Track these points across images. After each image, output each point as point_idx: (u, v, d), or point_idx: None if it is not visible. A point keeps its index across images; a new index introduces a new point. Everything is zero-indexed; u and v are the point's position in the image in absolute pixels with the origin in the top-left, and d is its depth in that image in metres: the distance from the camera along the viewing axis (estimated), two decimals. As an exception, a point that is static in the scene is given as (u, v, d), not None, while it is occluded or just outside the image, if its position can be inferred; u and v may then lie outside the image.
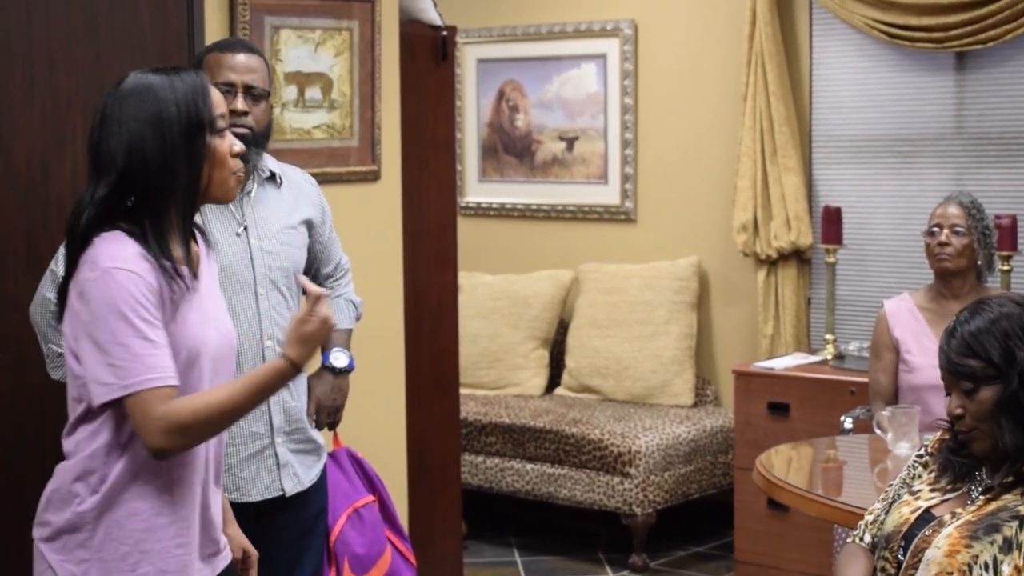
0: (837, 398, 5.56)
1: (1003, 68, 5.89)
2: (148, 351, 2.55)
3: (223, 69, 3.48)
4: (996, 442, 2.71)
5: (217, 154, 2.68)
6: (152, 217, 2.63)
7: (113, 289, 2.55)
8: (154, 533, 2.64)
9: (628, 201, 6.94)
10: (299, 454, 3.58)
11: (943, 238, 4.68)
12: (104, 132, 2.65)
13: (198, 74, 2.72)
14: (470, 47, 7.36)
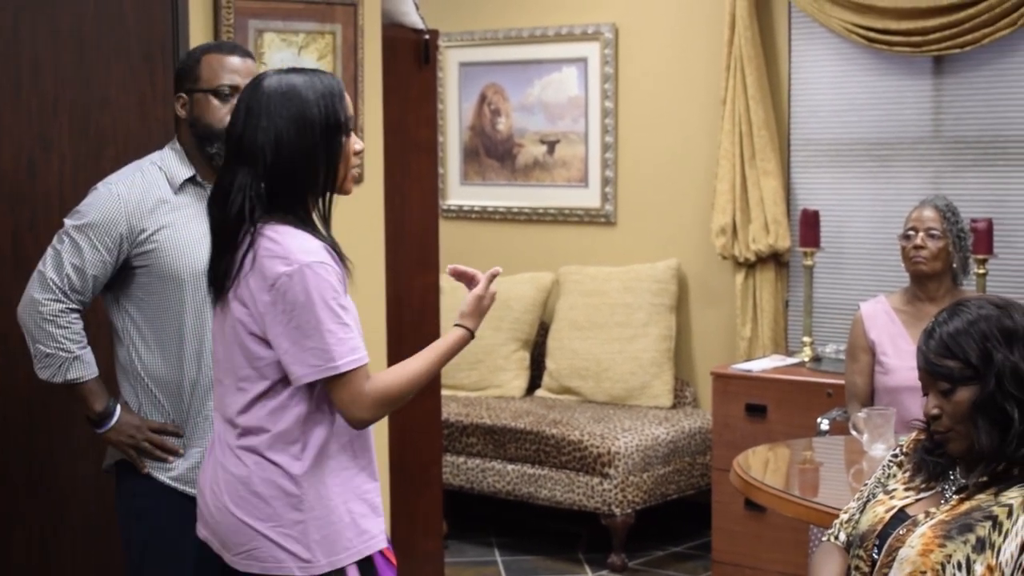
0: (814, 400, 5.59)
1: (980, 72, 5.93)
2: (349, 335, 2.82)
3: (226, 71, 3.49)
4: (972, 442, 2.72)
5: (347, 152, 2.91)
6: (299, 209, 2.88)
7: (314, 282, 2.79)
8: (355, 479, 2.92)
9: (608, 204, 6.98)
10: None
11: (919, 241, 4.72)
12: (249, 125, 2.86)
13: (334, 77, 2.93)
14: (452, 51, 7.39)
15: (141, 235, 3.41)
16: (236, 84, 3.48)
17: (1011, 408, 2.69)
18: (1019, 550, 2.62)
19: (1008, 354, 2.70)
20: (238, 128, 2.89)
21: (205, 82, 3.49)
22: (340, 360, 2.81)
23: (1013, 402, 2.69)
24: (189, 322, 3.43)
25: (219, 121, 3.45)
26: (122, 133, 4.12)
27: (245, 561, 2.91)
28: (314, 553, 2.88)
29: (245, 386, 2.90)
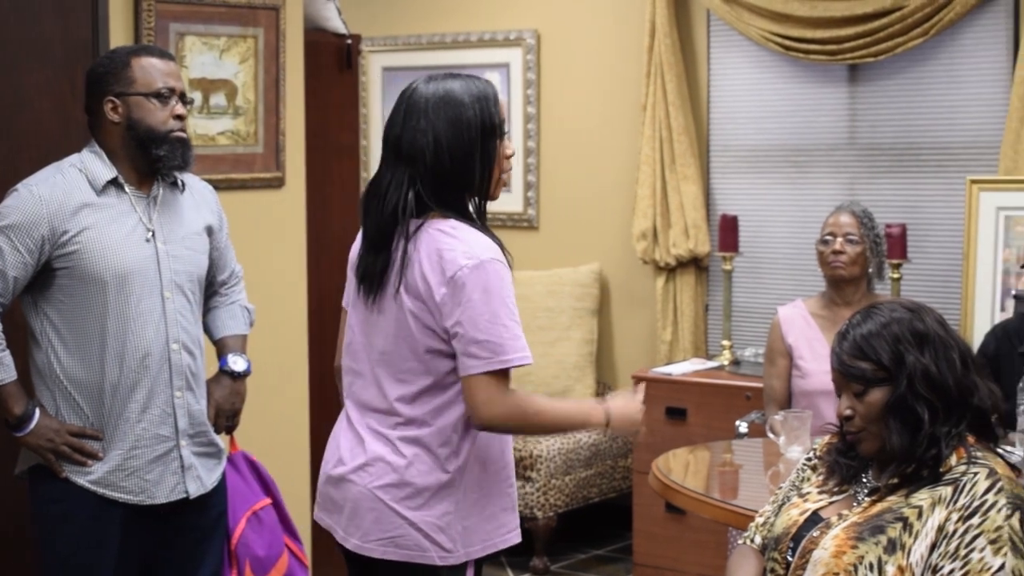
0: (733, 403, 5.64)
1: (894, 80, 6.02)
2: (520, 333, 2.94)
3: (163, 75, 3.50)
4: (883, 443, 2.75)
5: (501, 155, 3.03)
6: (463, 207, 3.01)
7: (495, 278, 2.91)
8: (500, 474, 3.09)
9: (531, 209, 7.00)
10: (202, 457, 3.60)
11: (837, 246, 4.78)
12: (408, 128, 2.98)
13: (488, 83, 3.06)
14: (376, 55, 7.39)
15: (63, 237, 3.39)
16: (173, 87, 3.50)
17: (921, 409, 2.72)
18: (928, 551, 2.64)
19: (919, 356, 2.73)
20: (396, 130, 3.01)
21: (143, 86, 3.48)
22: (512, 354, 2.93)
23: (923, 403, 2.72)
24: (111, 324, 3.42)
25: (162, 124, 3.47)
26: (42, 135, 4.10)
27: (384, 548, 3.01)
28: (455, 544, 3.02)
29: (408, 378, 3.01)
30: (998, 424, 2.83)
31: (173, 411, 3.51)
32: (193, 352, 3.57)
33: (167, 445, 3.51)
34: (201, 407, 3.61)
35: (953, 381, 2.75)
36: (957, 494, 2.67)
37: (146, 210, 3.52)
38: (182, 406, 3.53)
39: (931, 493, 2.70)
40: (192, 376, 3.57)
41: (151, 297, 3.48)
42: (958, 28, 5.81)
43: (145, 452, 3.48)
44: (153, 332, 3.47)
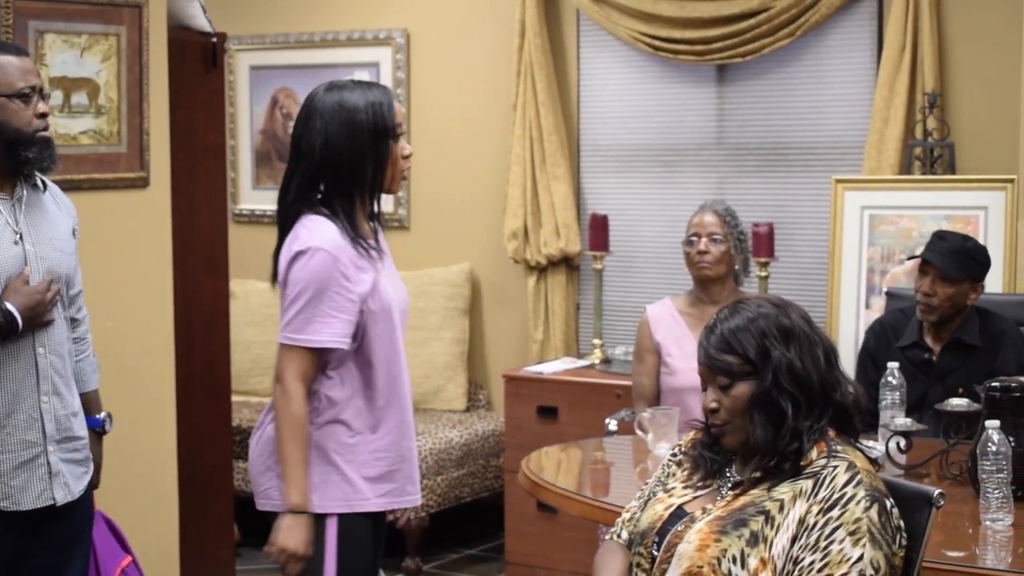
0: (604, 401, 5.67)
1: (761, 81, 6.09)
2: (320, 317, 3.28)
3: (25, 73, 3.42)
4: (747, 436, 2.77)
5: (394, 156, 3.33)
6: (341, 204, 3.31)
7: (314, 263, 3.26)
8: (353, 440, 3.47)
9: (401, 208, 6.98)
10: (70, 464, 3.53)
11: (702, 247, 4.81)
12: (306, 129, 3.31)
13: (385, 89, 3.36)
14: (243, 54, 7.32)
15: None
16: (35, 85, 3.43)
17: (785, 403, 2.74)
18: (790, 543, 2.66)
19: (784, 351, 2.76)
20: (298, 130, 3.35)
21: (4, 86, 3.40)
22: (298, 334, 3.30)
23: (787, 398, 2.75)
24: None
25: (27, 124, 3.40)
26: None
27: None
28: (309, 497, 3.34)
29: None
30: (863, 424, 2.86)
31: (40, 416, 3.43)
32: (61, 355, 3.50)
33: (34, 451, 3.43)
34: (69, 412, 3.53)
35: (817, 376, 2.78)
36: (817, 487, 2.70)
37: (12, 212, 3.44)
38: (49, 411, 3.45)
39: (792, 486, 2.73)
40: (60, 380, 3.49)
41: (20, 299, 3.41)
42: (824, 29, 5.90)
43: (10, 457, 3.40)
44: (18, 335, 3.39)
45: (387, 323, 3.37)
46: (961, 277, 4.47)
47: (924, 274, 4.52)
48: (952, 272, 4.45)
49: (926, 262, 4.50)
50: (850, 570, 2.61)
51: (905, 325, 4.64)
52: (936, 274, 4.47)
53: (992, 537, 3.44)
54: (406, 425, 3.48)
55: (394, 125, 3.33)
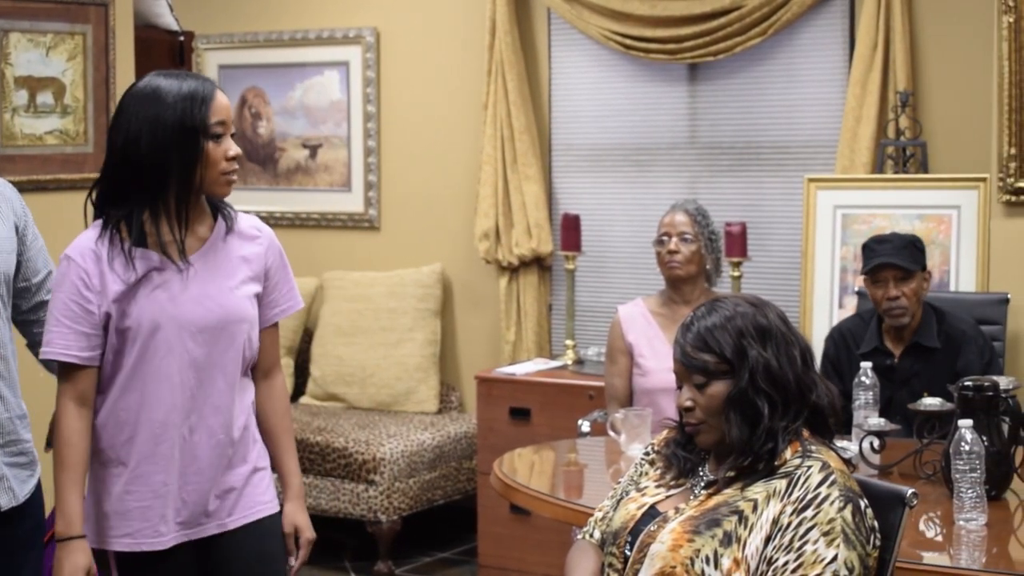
0: (576, 402, 5.66)
1: (733, 79, 6.08)
2: (53, 327, 3.07)
3: None
4: (722, 435, 2.77)
5: (210, 157, 3.03)
6: (146, 205, 3.04)
7: (58, 272, 3.10)
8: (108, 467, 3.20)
9: (372, 209, 6.96)
10: (14, 467, 3.45)
11: (672, 246, 4.80)
12: (115, 122, 3.06)
13: (206, 82, 3.06)
14: (211, 53, 7.28)
15: None
16: None
17: (761, 403, 2.74)
18: (764, 543, 2.66)
19: (761, 351, 2.76)
20: (110, 125, 3.12)
21: None
22: (45, 347, 3.09)
23: (764, 397, 2.74)
24: None
25: None
26: None
27: None
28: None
29: None
30: (837, 425, 2.86)
31: None
32: (4, 356, 3.43)
33: None
34: (13, 415, 3.45)
35: (793, 377, 2.78)
36: (791, 487, 2.69)
37: None
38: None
39: (766, 486, 2.72)
40: (2, 383, 3.41)
41: None
42: (795, 28, 5.90)
43: None
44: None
45: (142, 344, 3.05)
46: (916, 269, 4.49)
47: (881, 281, 4.52)
48: (911, 264, 4.48)
49: (881, 268, 4.50)
50: (824, 570, 2.60)
51: (864, 331, 4.65)
52: (895, 275, 4.49)
53: (966, 537, 3.45)
54: (162, 458, 3.11)
55: (207, 122, 3.02)
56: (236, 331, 3.12)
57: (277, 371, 3.32)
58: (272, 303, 3.23)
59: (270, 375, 3.29)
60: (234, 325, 3.11)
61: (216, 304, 3.09)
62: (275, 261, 3.22)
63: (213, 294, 3.09)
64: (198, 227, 3.11)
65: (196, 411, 3.11)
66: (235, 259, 3.14)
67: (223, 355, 3.11)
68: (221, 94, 3.08)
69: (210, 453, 3.13)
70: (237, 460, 3.18)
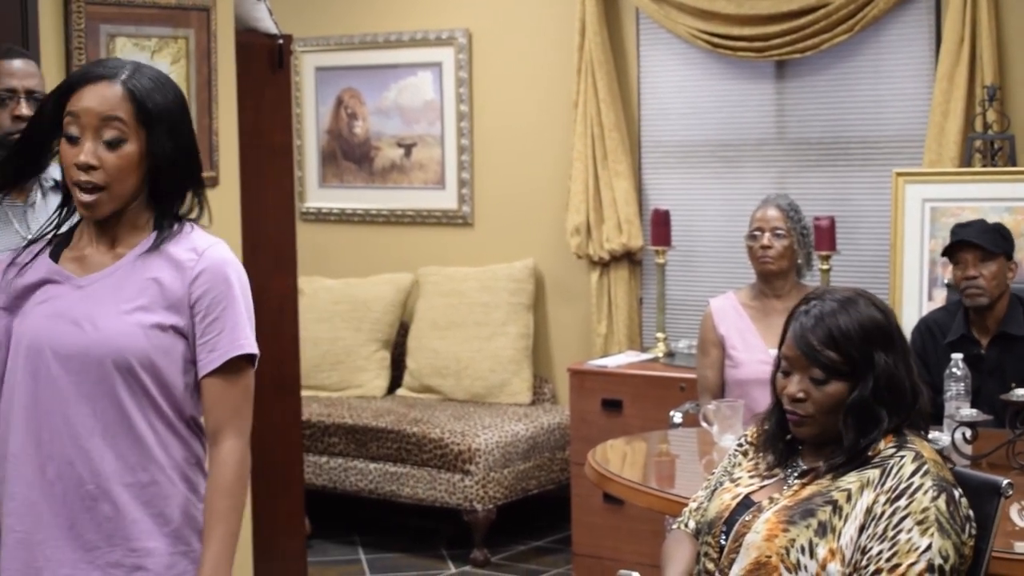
0: (668, 394, 5.68)
1: (820, 76, 6.10)
2: None
3: (2, 76, 3.45)
4: (825, 430, 2.77)
5: (61, 158, 2.58)
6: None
7: None
8: None
9: (465, 206, 7.04)
10: None
11: (765, 241, 4.82)
12: None
13: (89, 69, 2.59)
14: (308, 55, 7.40)
15: None
16: (13, 87, 3.46)
17: (880, 410, 2.74)
18: (858, 532, 2.67)
19: (886, 358, 2.74)
20: None
21: None
22: None
23: (884, 405, 2.74)
24: None
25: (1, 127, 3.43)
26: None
27: None
28: None
29: None
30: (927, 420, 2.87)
31: None
32: None
33: None
34: None
35: (909, 384, 2.78)
36: (884, 476, 2.70)
37: (22, 218, 3.46)
38: None
39: (859, 476, 2.73)
40: None
41: None
42: (882, 24, 5.91)
43: None
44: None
45: (11, 363, 2.63)
46: (998, 252, 4.48)
47: (961, 261, 4.51)
48: (991, 245, 4.46)
49: (960, 247, 4.50)
50: (919, 559, 2.61)
51: (951, 322, 4.62)
52: (975, 255, 4.48)
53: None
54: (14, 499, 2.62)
55: (58, 117, 2.55)
56: (104, 360, 2.55)
57: (225, 437, 2.62)
58: (207, 346, 2.61)
59: (216, 441, 2.63)
60: (109, 356, 2.54)
61: (93, 327, 2.56)
62: (210, 294, 2.60)
63: (95, 315, 2.57)
64: (120, 244, 2.63)
65: (57, 454, 2.57)
66: (141, 280, 2.59)
67: (93, 387, 2.56)
68: (92, 87, 2.54)
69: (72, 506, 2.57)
70: (133, 531, 2.58)
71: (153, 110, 2.55)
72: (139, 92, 2.54)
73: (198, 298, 2.59)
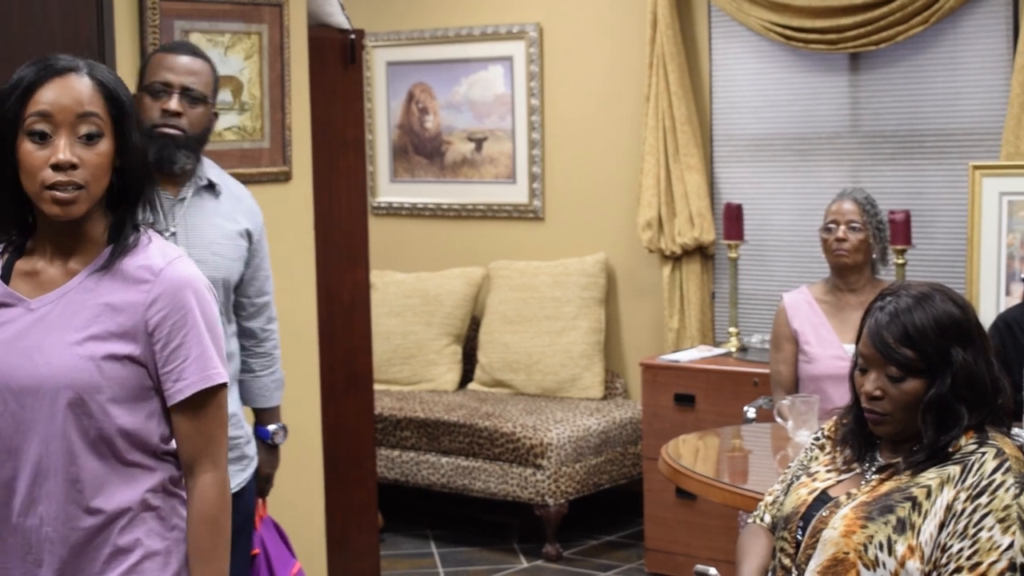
0: (741, 389, 5.67)
1: (895, 68, 6.04)
2: None
3: (162, 69, 3.45)
4: (903, 428, 2.76)
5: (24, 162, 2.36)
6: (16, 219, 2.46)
7: None
8: None
9: (536, 200, 7.04)
10: None
11: (840, 234, 4.79)
12: None
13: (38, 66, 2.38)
14: (379, 50, 7.42)
15: None
16: (169, 81, 3.44)
17: (959, 408, 2.72)
18: (937, 530, 2.66)
19: (964, 354, 2.73)
20: None
21: (145, 80, 3.47)
22: None
23: (963, 403, 2.72)
24: None
25: (147, 118, 3.41)
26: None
27: None
28: None
29: None
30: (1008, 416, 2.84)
31: None
32: None
33: None
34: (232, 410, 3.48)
35: (990, 380, 2.76)
36: (965, 473, 2.68)
37: (169, 211, 3.47)
38: None
39: (939, 472, 2.71)
40: None
41: None
42: (958, 16, 5.84)
43: None
44: None
45: None
46: None
47: None
48: None
49: None
50: (1000, 558, 2.60)
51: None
52: None
53: None
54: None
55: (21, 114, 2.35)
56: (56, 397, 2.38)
57: (201, 469, 2.48)
58: (171, 375, 2.45)
59: (193, 473, 2.48)
60: (54, 390, 2.38)
61: (44, 361, 2.39)
62: (169, 320, 2.43)
63: (46, 347, 2.39)
64: (73, 259, 2.44)
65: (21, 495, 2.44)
66: (97, 307, 2.41)
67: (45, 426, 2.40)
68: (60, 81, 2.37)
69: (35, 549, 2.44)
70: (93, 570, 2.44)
71: (124, 103, 2.42)
72: (108, 84, 2.41)
73: (156, 325, 2.42)
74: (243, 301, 3.70)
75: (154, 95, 3.45)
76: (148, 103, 3.45)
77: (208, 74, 3.54)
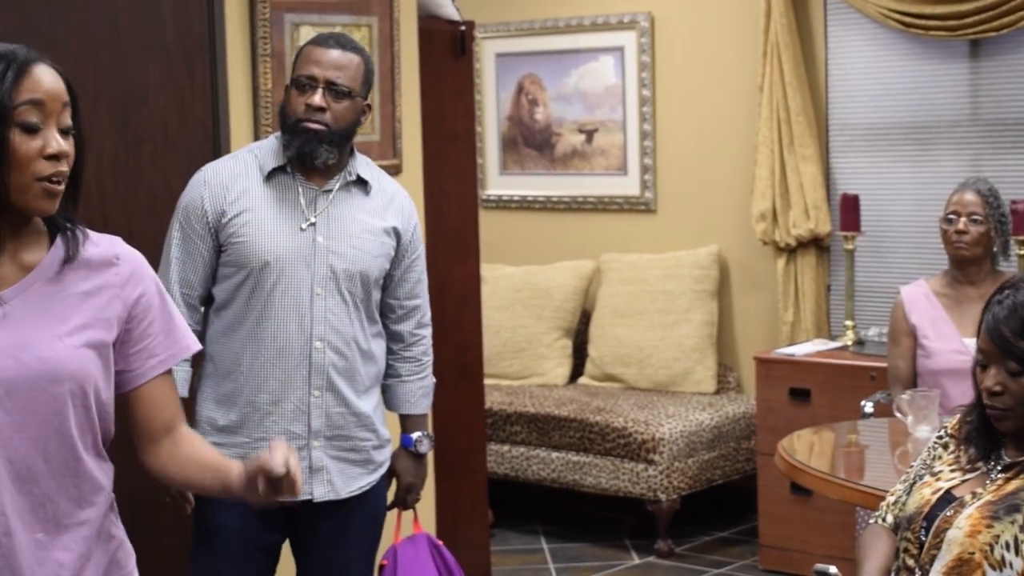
0: (857, 383, 5.60)
1: (1017, 55, 5.93)
2: None
3: (308, 62, 3.44)
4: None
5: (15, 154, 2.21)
6: None
7: None
8: None
9: (648, 192, 7.00)
10: (341, 461, 3.50)
11: (960, 226, 4.71)
12: None
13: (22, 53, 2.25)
14: (488, 42, 7.42)
15: (223, 219, 3.41)
16: (314, 75, 3.41)
17: None
18: (1065, 529, 2.61)
19: None
20: None
21: (294, 73, 3.48)
22: None
23: None
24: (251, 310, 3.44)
25: (292, 112, 3.42)
26: (160, 129, 4.16)
27: None
28: None
29: None
30: None
31: (308, 409, 3.43)
32: (344, 353, 3.46)
33: (297, 443, 3.40)
34: (347, 411, 3.50)
35: None
36: (1093, 471, 2.64)
37: (312, 201, 3.45)
38: (319, 406, 3.44)
39: (1066, 470, 2.68)
40: (340, 378, 3.47)
41: (298, 290, 3.41)
42: (1083, -1, 5.71)
43: None
44: (295, 326, 3.41)
45: None
46: None
47: None
48: None
49: None
50: None
51: None
52: None
53: None
54: None
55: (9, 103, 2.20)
56: (58, 393, 2.28)
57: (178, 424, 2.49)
58: (145, 352, 2.41)
59: (172, 430, 2.47)
60: (56, 385, 2.27)
61: (33, 357, 2.26)
62: (144, 298, 2.40)
63: (30, 343, 2.26)
64: (23, 252, 2.30)
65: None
66: (71, 297, 2.32)
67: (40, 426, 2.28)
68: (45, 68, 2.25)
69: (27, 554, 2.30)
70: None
71: (76, 94, 2.31)
72: (64, 74, 2.29)
73: (135, 301, 2.38)
74: (392, 303, 3.64)
75: (300, 89, 3.43)
76: (294, 96, 3.44)
77: (357, 67, 3.46)
